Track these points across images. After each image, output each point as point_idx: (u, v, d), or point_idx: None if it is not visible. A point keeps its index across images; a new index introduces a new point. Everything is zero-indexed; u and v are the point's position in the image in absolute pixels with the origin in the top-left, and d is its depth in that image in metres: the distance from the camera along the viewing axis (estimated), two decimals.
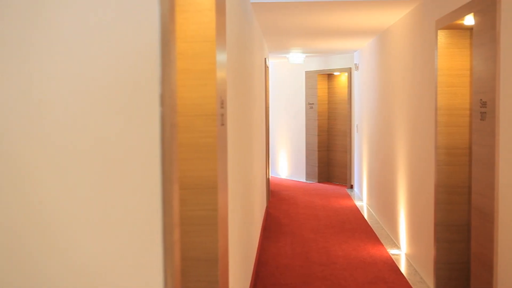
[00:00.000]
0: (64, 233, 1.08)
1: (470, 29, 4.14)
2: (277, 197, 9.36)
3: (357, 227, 6.99)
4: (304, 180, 11.10)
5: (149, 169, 1.31)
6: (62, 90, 1.04)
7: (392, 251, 5.82)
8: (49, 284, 1.04)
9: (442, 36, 4.25)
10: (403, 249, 5.73)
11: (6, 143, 0.72)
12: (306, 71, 11.01)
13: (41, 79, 0.86)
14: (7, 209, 0.75)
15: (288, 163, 11.64)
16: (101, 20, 1.19)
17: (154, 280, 1.34)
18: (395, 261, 5.46)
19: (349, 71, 9.99)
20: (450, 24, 4.03)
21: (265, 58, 8.03)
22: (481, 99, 3.31)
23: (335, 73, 10.74)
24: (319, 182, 10.82)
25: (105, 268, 1.22)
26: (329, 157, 10.97)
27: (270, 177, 9.89)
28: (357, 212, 7.99)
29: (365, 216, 7.69)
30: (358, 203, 8.63)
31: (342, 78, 10.73)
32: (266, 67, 8.25)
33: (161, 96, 1.33)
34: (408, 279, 4.91)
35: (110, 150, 1.22)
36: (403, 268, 5.28)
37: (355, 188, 9.68)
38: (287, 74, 11.52)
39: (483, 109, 3.27)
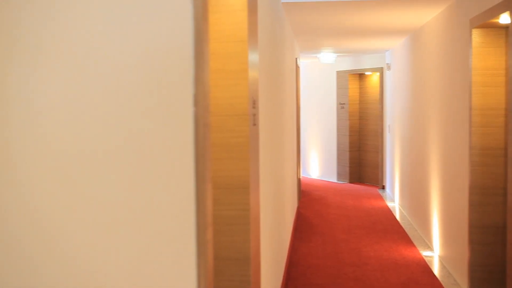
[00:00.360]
0: (99, 232, 1.09)
1: (505, 27, 4.07)
2: (308, 197, 9.33)
3: (389, 228, 6.92)
4: (335, 181, 11.04)
5: (182, 168, 1.31)
6: (97, 90, 1.05)
7: (425, 253, 5.75)
8: (83, 282, 1.06)
9: (477, 35, 4.18)
10: (436, 250, 5.66)
11: (53, 142, 0.73)
12: (337, 71, 10.95)
13: (78, 80, 0.88)
14: (53, 206, 0.77)
15: (319, 163, 11.59)
16: (136, 21, 1.20)
17: (187, 279, 1.35)
18: (428, 263, 5.39)
19: (380, 70, 9.90)
20: (485, 23, 3.97)
21: (296, 58, 8.01)
22: None
23: (367, 73, 10.66)
24: (350, 182, 10.75)
25: (139, 267, 1.23)
26: (361, 158, 10.90)
27: (301, 177, 9.87)
28: (389, 213, 7.91)
29: (397, 217, 7.61)
30: (390, 204, 8.55)
31: (374, 77, 10.64)
32: (297, 67, 8.23)
33: (194, 96, 1.34)
34: (441, 281, 4.85)
35: (144, 150, 1.23)
36: (436, 270, 5.21)
37: (387, 189, 9.59)
38: (318, 74, 11.48)
39: None
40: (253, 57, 2.39)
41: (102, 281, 1.11)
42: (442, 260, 5.39)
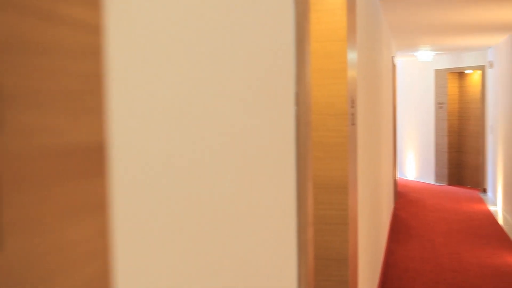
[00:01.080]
0: (201, 229, 1.12)
1: None
2: (404, 198, 9.11)
3: (491, 233, 6.62)
4: (433, 182, 10.70)
5: (284, 167, 1.32)
6: (201, 90, 1.08)
7: None
8: (183, 280, 1.08)
9: None
10: None
11: (162, 143, 0.76)
12: (435, 69, 10.62)
13: (183, 80, 0.90)
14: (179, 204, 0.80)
15: (415, 164, 11.29)
16: (239, 20, 1.22)
17: (288, 278, 1.35)
18: None
19: (482, 68, 9.49)
20: None
21: (392, 57, 7.84)
22: None
23: (467, 71, 10.26)
24: (448, 184, 10.39)
25: (239, 265, 1.25)
26: (460, 159, 10.50)
27: (397, 178, 9.65)
28: (491, 217, 7.57)
29: (501, 222, 7.27)
30: (492, 208, 8.18)
31: (475, 76, 10.22)
32: (393, 66, 8.06)
33: (296, 95, 1.34)
34: None
35: (246, 149, 1.24)
36: None
37: (489, 192, 9.17)
38: (415, 73, 11.18)
39: None
40: (352, 56, 2.37)
41: (203, 276, 1.14)
42: None
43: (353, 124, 2.41)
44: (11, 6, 0.35)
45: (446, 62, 10.37)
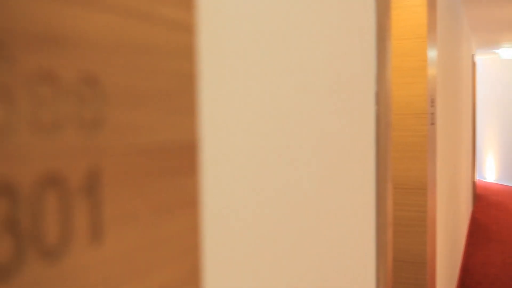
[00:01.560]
0: (281, 230, 1.12)
1: None
2: (483, 201, 8.79)
3: None
4: None
5: (364, 167, 1.30)
6: (286, 90, 1.08)
7: None
8: (269, 279, 1.09)
9: None
10: None
11: (248, 142, 0.76)
12: None
13: (269, 80, 0.91)
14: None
15: (496, 166, 10.87)
16: (321, 19, 1.21)
17: (366, 280, 1.34)
18: None
19: None
20: None
21: (473, 54, 7.59)
22: None
23: None
24: None
25: (318, 266, 1.24)
26: None
27: (476, 180, 9.33)
28: None
29: None
30: None
31: None
32: (473, 64, 7.80)
33: (376, 94, 1.32)
34: None
35: (327, 149, 1.24)
36: None
37: None
38: (497, 71, 10.76)
39: None
40: (432, 54, 2.31)
41: (284, 275, 1.14)
42: None
43: (433, 123, 2.35)
44: (112, 8, 0.36)
45: None
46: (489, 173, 11.02)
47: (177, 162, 0.43)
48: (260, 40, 0.83)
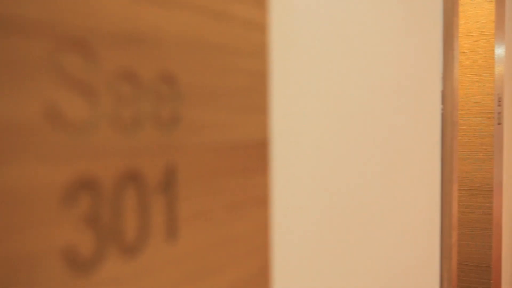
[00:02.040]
0: (350, 231, 1.11)
1: None
2: None
3: None
4: None
5: (429, 168, 1.27)
6: (355, 90, 1.07)
7: None
8: (336, 278, 1.08)
9: None
10: None
11: (317, 141, 0.76)
12: None
13: (339, 79, 0.90)
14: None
15: None
16: (388, 18, 1.19)
17: (431, 282, 1.31)
18: None
19: None
20: None
21: None
22: None
23: None
24: None
25: (382, 267, 1.22)
26: None
27: None
28: None
29: None
30: None
31: None
32: None
33: (442, 93, 1.29)
34: None
35: (394, 148, 1.22)
36: None
37: None
38: None
39: None
40: (500, 51, 2.23)
41: (350, 276, 1.13)
42: None
43: (500, 123, 2.28)
44: (189, 8, 0.36)
45: None
46: None
47: (249, 160, 0.43)
48: (330, 41, 0.82)
